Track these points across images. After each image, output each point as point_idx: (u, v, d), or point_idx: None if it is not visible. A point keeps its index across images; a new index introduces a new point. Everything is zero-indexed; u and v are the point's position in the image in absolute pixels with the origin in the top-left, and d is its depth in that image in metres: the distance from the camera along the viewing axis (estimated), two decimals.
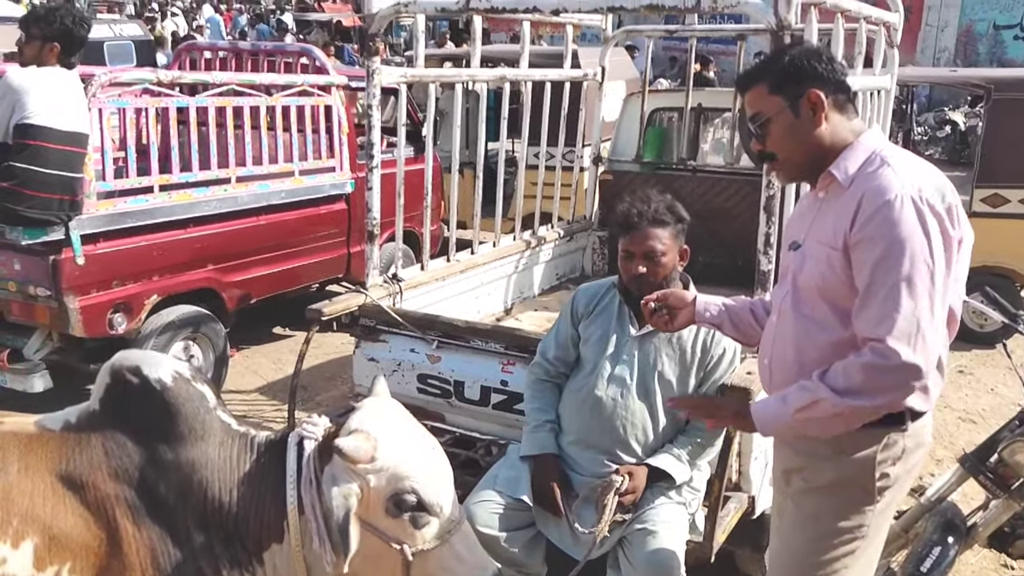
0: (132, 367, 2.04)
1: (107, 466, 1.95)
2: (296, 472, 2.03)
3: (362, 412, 2.09)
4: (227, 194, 5.30)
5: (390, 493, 1.99)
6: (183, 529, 1.98)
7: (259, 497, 2.06)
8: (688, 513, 2.89)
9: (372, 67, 3.65)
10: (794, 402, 2.05)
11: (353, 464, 1.96)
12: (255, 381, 5.92)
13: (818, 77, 2.09)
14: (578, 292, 3.12)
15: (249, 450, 2.10)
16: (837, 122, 2.11)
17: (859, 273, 1.98)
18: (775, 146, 2.16)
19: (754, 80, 2.18)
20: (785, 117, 2.11)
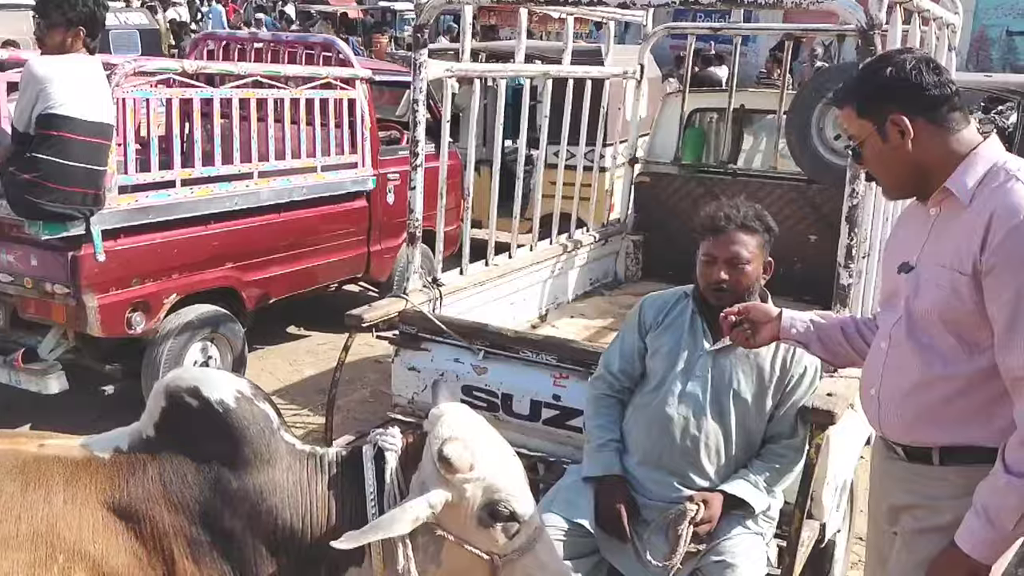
0: (190, 388, 1.86)
1: (165, 498, 1.77)
2: (375, 487, 1.91)
3: (449, 419, 1.97)
4: (249, 190, 5.10)
5: (484, 503, 1.92)
6: (251, 563, 1.80)
7: (336, 519, 1.90)
8: (764, 544, 2.71)
9: (420, 60, 3.45)
10: (1005, 520, 1.80)
11: (453, 474, 1.84)
12: (271, 383, 5.72)
13: (904, 97, 1.93)
14: (645, 301, 2.93)
15: (320, 470, 1.95)
16: (936, 140, 1.93)
17: (996, 301, 1.80)
18: (871, 168, 2.05)
19: (843, 102, 2.04)
20: (874, 141, 1.98)
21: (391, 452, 1.95)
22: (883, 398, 2.04)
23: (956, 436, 1.93)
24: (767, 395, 2.72)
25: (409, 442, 1.99)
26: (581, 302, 4.99)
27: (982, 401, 1.88)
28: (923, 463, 1.99)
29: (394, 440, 1.97)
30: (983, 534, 1.82)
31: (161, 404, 1.86)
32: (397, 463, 1.94)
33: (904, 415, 1.99)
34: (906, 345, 1.98)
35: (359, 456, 1.96)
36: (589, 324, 4.57)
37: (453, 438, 1.90)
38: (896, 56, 1.98)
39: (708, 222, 2.73)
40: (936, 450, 1.96)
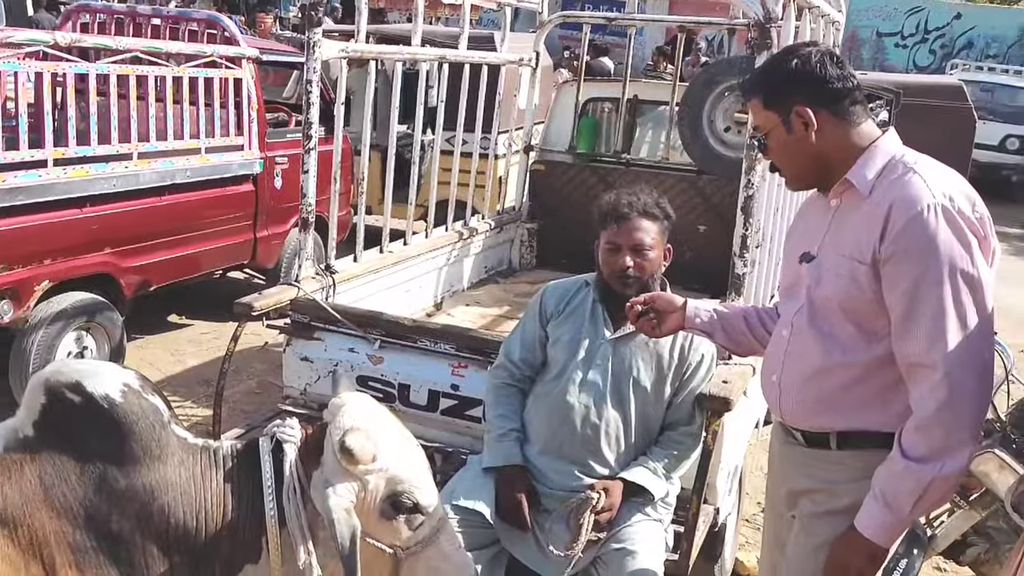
0: (71, 383, 1.73)
1: (46, 502, 1.63)
2: (273, 480, 1.82)
3: (351, 409, 1.90)
4: (128, 171, 4.84)
5: (388, 494, 1.87)
6: (140, 566, 1.69)
7: (232, 515, 1.81)
8: (663, 530, 2.74)
9: (314, 39, 3.32)
10: (902, 504, 1.85)
11: (355, 465, 1.78)
12: (152, 374, 5.45)
13: (808, 90, 1.96)
14: (546, 290, 2.91)
15: (214, 465, 1.85)
16: (838, 132, 1.97)
17: (894, 290, 1.85)
18: (776, 159, 2.08)
19: (750, 93, 2.07)
20: (779, 132, 2.01)
21: (290, 444, 1.87)
22: (784, 384, 2.08)
23: (853, 421, 1.98)
24: (666, 383, 2.75)
25: (308, 434, 1.92)
26: (476, 290, 4.95)
27: (879, 387, 1.94)
28: (821, 448, 2.04)
29: (293, 432, 1.89)
30: (881, 518, 1.87)
31: (40, 400, 1.72)
32: (296, 456, 1.86)
33: (804, 401, 2.03)
34: (807, 333, 2.01)
35: (256, 449, 1.88)
36: (485, 312, 4.54)
37: (355, 428, 1.83)
38: (801, 49, 2.01)
39: (611, 210, 2.73)
40: (834, 435, 2.01)
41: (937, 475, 1.81)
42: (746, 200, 2.98)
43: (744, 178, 2.99)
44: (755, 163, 2.95)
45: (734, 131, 4.77)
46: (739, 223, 3.02)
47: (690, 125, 4.75)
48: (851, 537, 1.91)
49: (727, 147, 4.79)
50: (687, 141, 4.81)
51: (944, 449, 1.80)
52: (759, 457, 4.65)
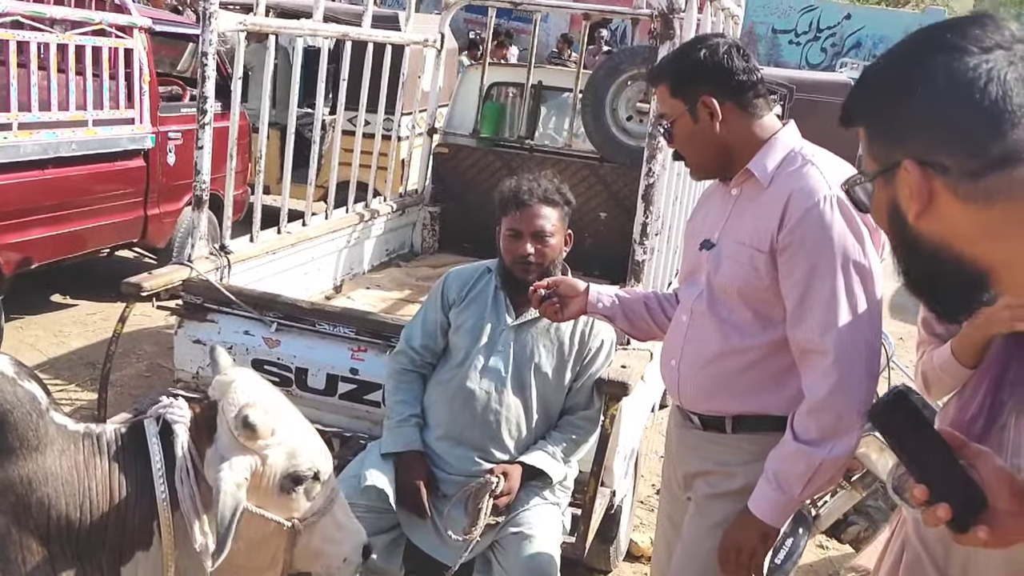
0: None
1: None
2: (163, 464, 1.76)
3: (242, 385, 1.86)
4: (7, 142, 4.59)
5: (288, 468, 1.84)
6: (16, 561, 1.59)
7: (119, 502, 1.74)
8: (560, 513, 2.77)
9: (210, 10, 3.20)
10: (794, 485, 1.90)
11: (255, 440, 1.77)
12: (33, 356, 5.20)
13: (716, 80, 1.99)
14: (448, 276, 2.89)
15: (98, 452, 1.76)
16: (739, 125, 2.01)
17: (789, 278, 1.90)
18: (680, 147, 2.10)
19: (657, 80, 2.09)
20: (685, 121, 2.03)
21: (180, 424, 1.80)
22: (683, 369, 2.12)
23: (748, 405, 2.03)
24: (567, 368, 2.77)
25: (196, 413, 1.86)
26: (377, 273, 4.88)
27: (773, 372, 1.99)
28: (717, 431, 2.09)
29: (182, 412, 1.83)
30: (774, 498, 1.93)
31: None
32: (188, 435, 1.80)
33: (702, 385, 2.07)
34: (706, 318, 2.06)
35: (142, 431, 1.80)
36: (385, 296, 4.49)
37: (252, 404, 1.80)
38: (710, 39, 2.03)
39: (511, 196, 2.72)
40: (729, 419, 2.06)
41: (827, 457, 1.87)
42: (647, 188, 3.02)
43: (645, 167, 3.02)
44: (656, 152, 2.98)
45: (636, 120, 4.83)
46: (639, 211, 3.05)
47: (593, 113, 4.80)
48: (744, 518, 1.97)
49: (629, 136, 4.85)
50: (590, 129, 4.85)
51: (834, 432, 1.86)
52: (654, 440, 4.75)
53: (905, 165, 1.07)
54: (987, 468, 1.14)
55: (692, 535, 2.13)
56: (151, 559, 1.78)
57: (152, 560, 1.78)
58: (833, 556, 4.00)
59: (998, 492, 1.12)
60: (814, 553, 4.01)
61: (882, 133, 1.13)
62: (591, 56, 11.88)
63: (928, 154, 1.05)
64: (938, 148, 1.05)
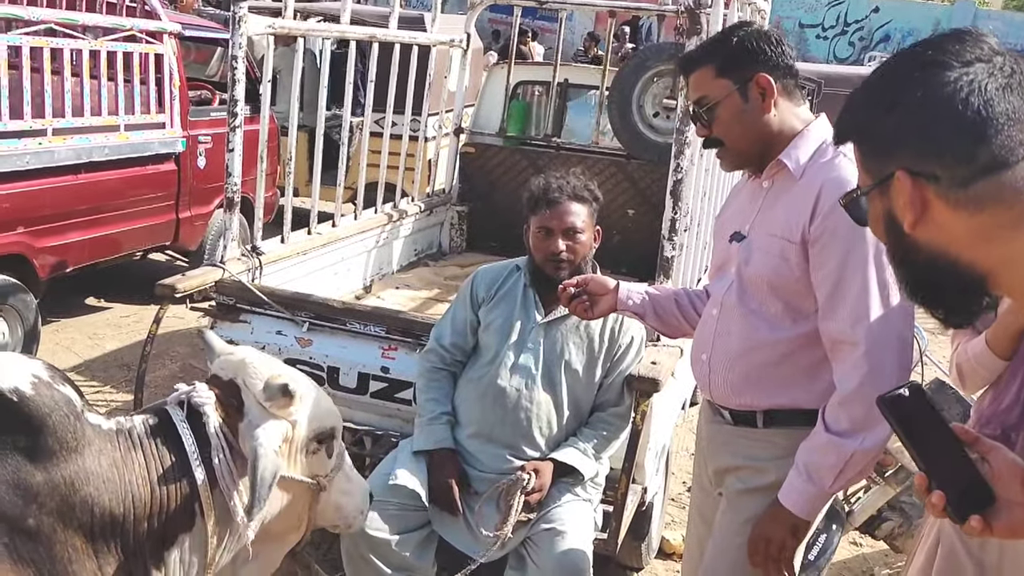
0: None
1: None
2: (196, 447, 1.83)
3: (256, 359, 1.98)
4: (42, 148, 4.66)
5: (316, 429, 1.97)
6: (63, 560, 1.62)
7: (159, 491, 1.79)
8: (592, 510, 2.77)
9: (239, 14, 3.24)
10: (825, 477, 1.89)
11: (288, 408, 1.88)
12: (68, 359, 5.29)
13: (767, 60, 1.97)
14: (477, 274, 2.91)
15: (133, 446, 1.81)
16: (785, 108, 2.00)
17: (821, 270, 1.89)
18: (721, 131, 2.03)
19: (700, 62, 2.04)
20: (733, 102, 1.98)
21: (208, 406, 1.86)
22: (713, 363, 2.11)
23: (779, 399, 2.02)
24: (597, 365, 2.77)
25: (218, 393, 1.92)
26: (406, 273, 4.91)
27: (804, 365, 1.98)
28: (748, 426, 2.08)
29: (208, 395, 1.89)
30: (804, 491, 1.92)
31: None
32: (218, 415, 1.87)
33: (732, 379, 2.06)
34: (736, 311, 2.05)
35: (170, 420, 1.85)
36: (414, 295, 4.51)
37: (278, 374, 1.91)
38: (752, 24, 2.02)
39: (541, 194, 2.73)
40: (760, 413, 2.05)
41: (858, 449, 1.86)
42: (675, 184, 3.01)
43: (673, 162, 3.02)
44: (684, 147, 2.98)
45: (663, 116, 4.82)
46: (668, 207, 3.05)
47: (619, 110, 4.79)
48: (774, 510, 1.96)
49: (656, 132, 4.84)
50: (616, 126, 4.84)
51: (865, 424, 1.85)
52: (685, 438, 4.73)
53: (898, 176, 1.11)
54: (999, 461, 1.15)
55: (723, 531, 2.13)
56: (194, 539, 1.84)
57: (195, 539, 1.84)
58: (867, 553, 3.97)
59: (1010, 484, 1.13)
60: (847, 550, 3.98)
61: (873, 148, 1.18)
62: (615, 53, 11.86)
63: (918, 164, 1.10)
64: (927, 158, 1.09)
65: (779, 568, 1.99)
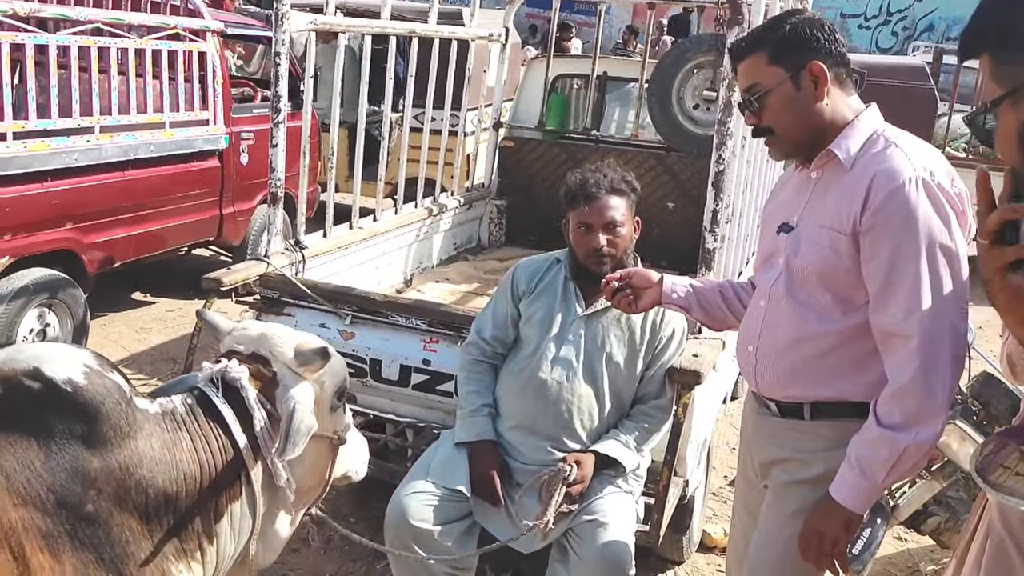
0: (29, 370, 1.66)
1: (8, 490, 1.58)
2: (235, 418, 1.90)
3: (275, 330, 2.07)
4: (89, 145, 4.76)
5: (336, 386, 2.09)
6: (121, 541, 1.67)
7: (208, 467, 1.85)
8: (634, 502, 2.77)
9: (282, 10, 3.28)
10: (877, 471, 1.88)
11: (319, 371, 1.99)
12: (116, 352, 5.40)
13: (821, 48, 1.95)
14: (518, 267, 2.92)
15: (179, 426, 1.86)
16: (837, 97, 1.98)
17: (872, 261, 1.87)
18: (772, 120, 2.01)
19: (751, 49, 2.02)
20: (785, 89, 1.96)
21: (244, 379, 1.93)
22: (760, 354, 2.10)
23: (827, 391, 2.00)
24: (638, 357, 2.77)
25: (249, 366, 1.98)
26: (445, 267, 4.94)
27: (853, 357, 1.96)
28: (795, 418, 2.06)
29: (241, 369, 1.95)
30: (856, 485, 1.90)
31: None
32: (254, 388, 1.94)
33: (779, 371, 2.05)
34: (784, 302, 2.03)
35: (207, 398, 1.91)
36: (454, 289, 4.54)
37: (306, 340, 2.03)
38: (803, 12, 2.00)
39: (578, 189, 2.73)
40: (807, 405, 2.03)
41: (911, 443, 1.84)
42: (717, 175, 3.00)
43: (715, 153, 3.00)
44: (726, 138, 2.96)
45: (703, 109, 4.79)
46: (710, 198, 3.03)
47: (659, 102, 4.77)
48: (826, 505, 1.94)
49: (696, 124, 4.82)
50: (656, 118, 4.82)
51: (918, 417, 1.83)
52: (726, 432, 4.71)
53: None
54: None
55: (769, 523, 2.12)
56: (242, 507, 1.91)
57: (243, 508, 1.91)
58: (912, 549, 3.92)
59: None
60: (892, 545, 3.93)
61: (1010, 53, 1.09)
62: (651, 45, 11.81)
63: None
64: None
65: (832, 562, 1.98)
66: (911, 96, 7.48)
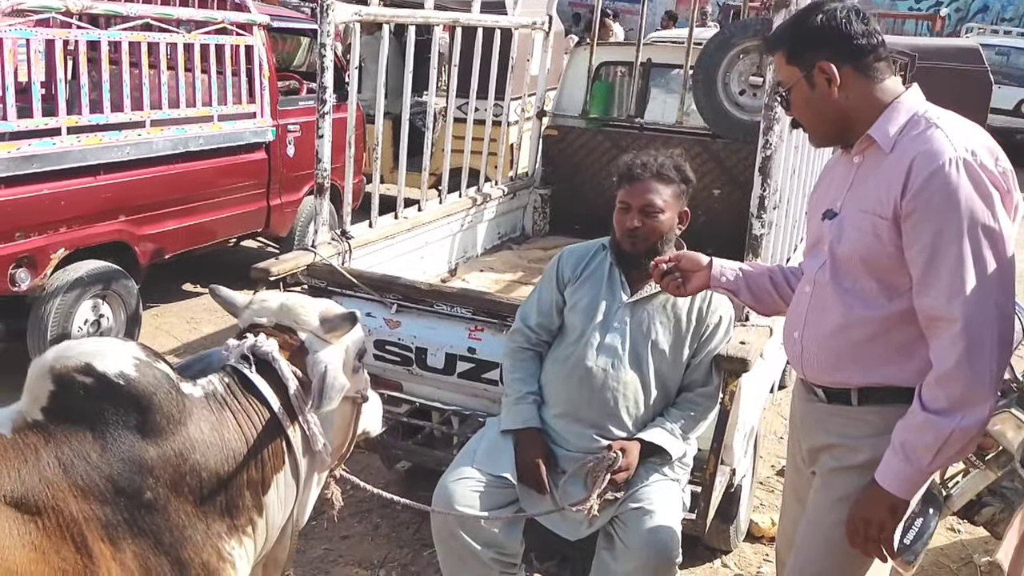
0: (81, 365, 1.70)
1: (67, 481, 1.62)
2: (271, 391, 1.93)
3: (297, 298, 2.11)
4: (141, 139, 4.84)
5: (358, 348, 2.14)
6: (179, 526, 1.71)
7: (253, 442, 1.88)
8: (680, 490, 2.76)
9: (326, 2, 3.30)
10: (922, 456, 1.86)
11: (344, 334, 2.03)
12: (168, 342, 5.51)
13: (832, 45, 1.95)
14: (563, 254, 2.91)
15: (222, 406, 1.89)
16: (861, 89, 1.96)
17: (915, 244, 1.84)
18: (797, 114, 2.07)
19: (774, 47, 2.07)
20: (801, 88, 2.00)
21: (275, 352, 1.94)
22: (806, 340, 2.08)
23: (874, 376, 1.98)
24: (684, 344, 2.76)
25: (277, 338, 2.00)
26: (490, 256, 4.95)
27: (899, 343, 1.94)
28: (842, 404, 2.04)
29: (271, 343, 1.96)
30: (902, 470, 1.88)
31: (48, 387, 1.69)
32: (285, 359, 1.96)
33: (825, 357, 2.03)
34: (829, 288, 2.01)
35: (242, 374, 1.93)
36: (499, 278, 4.54)
37: (328, 307, 2.08)
38: (827, 5, 1.99)
39: (625, 170, 2.74)
40: (855, 391, 2.01)
41: (957, 427, 1.81)
42: (764, 161, 2.96)
43: (762, 138, 2.97)
44: (773, 123, 2.93)
45: (749, 94, 4.73)
46: (756, 184, 3.00)
47: (704, 88, 4.72)
48: (872, 491, 1.92)
49: (742, 110, 4.75)
50: (701, 104, 4.77)
51: (964, 402, 1.80)
52: (773, 421, 4.67)
53: None
54: None
55: (816, 509, 2.10)
56: (286, 476, 1.95)
57: (287, 476, 1.95)
58: (966, 539, 3.85)
59: None
60: (945, 536, 3.87)
61: None
62: None
63: None
64: None
65: (879, 549, 1.96)
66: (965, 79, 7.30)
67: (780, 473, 4.17)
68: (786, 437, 2.67)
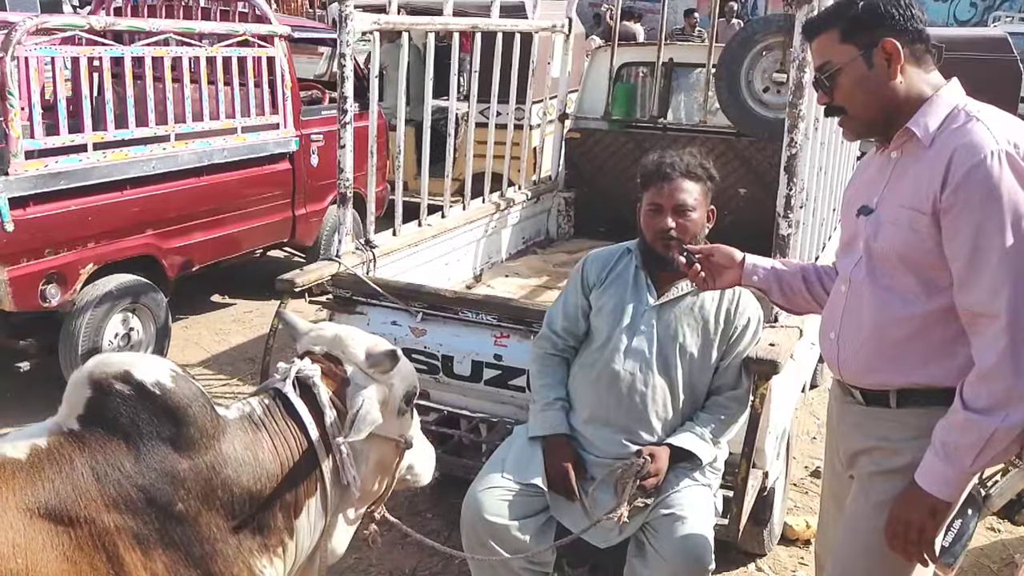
0: (120, 373, 1.72)
1: (100, 491, 1.62)
2: (310, 416, 1.94)
3: (351, 331, 2.11)
4: (166, 153, 4.88)
5: (406, 390, 2.12)
6: (209, 539, 1.71)
7: (289, 465, 1.89)
8: (712, 495, 2.72)
9: (346, 12, 3.30)
10: (964, 456, 1.81)
11: (390, 372, 2.02)
12: (197, 353, 5.55)
13: (895, 25, 1.88)
14: (588, 258, 2.89)
15: (257, 427, 1.90)
16: (913, 75, 1.91)
17: (955, 239, 1.79)
18: (844, 99, 1.96)
19: (824, 26, 1.96)
20: (857, 67, 1.91)
21: (316, 378, 1.97)
22: (843, 341, 2.03)
23: (913, 377, 1.93)
24: (712, 347, 2.72)
25: (322, 367, 2.02)
26: (515, 261, 4.94)
27: (940, 341, 1.89)
28: (881, 406, 2.00)
29: (313, 368, 1.99)
30: (942, 471, 1.83)
31: (86, 394, 1.71)
32: (327, 387, 1.98)
33: (863, 357, 1.98)
34: (865, 287, 1.97)
35: (280, 396, 1.96)
36: (524, 283, 4.53)
37: (377, 343, 2.07)
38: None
39: (653, 170, 2.69)
40: (893, 393, 1.97)
41: (1000, 426, 1.76)
42: (790, 159, 2.92)
43: (787, 136, 2.92)
44: (798, 121, 2.88)
45: (773, 91, 4.68)
46: (783, 183, 2.96)
47: (728, 87, 4.68)
48: (912, 492, 1.88)
49: (766, 108, 4.71)
50: (725, 103, 4.73)
51: (1007, 400, 1.75)
52: (805, 422, 4.60)
53: None
54: None
55: (855, 514, 2.05)
56: (316, 504, 1.95)
57: (318, 503, 1.95)
58: (1006, 540, 3.77)
59: None
60: (985, 536, 3.79)
61: None
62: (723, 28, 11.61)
63: None
64: None
65: (920, 552, 1.91)
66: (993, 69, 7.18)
67: (814, 474, 4.11)
68: (819, 437, 2.62)
